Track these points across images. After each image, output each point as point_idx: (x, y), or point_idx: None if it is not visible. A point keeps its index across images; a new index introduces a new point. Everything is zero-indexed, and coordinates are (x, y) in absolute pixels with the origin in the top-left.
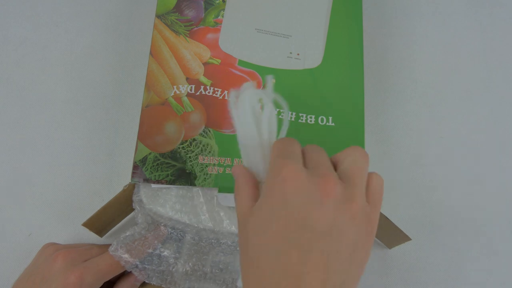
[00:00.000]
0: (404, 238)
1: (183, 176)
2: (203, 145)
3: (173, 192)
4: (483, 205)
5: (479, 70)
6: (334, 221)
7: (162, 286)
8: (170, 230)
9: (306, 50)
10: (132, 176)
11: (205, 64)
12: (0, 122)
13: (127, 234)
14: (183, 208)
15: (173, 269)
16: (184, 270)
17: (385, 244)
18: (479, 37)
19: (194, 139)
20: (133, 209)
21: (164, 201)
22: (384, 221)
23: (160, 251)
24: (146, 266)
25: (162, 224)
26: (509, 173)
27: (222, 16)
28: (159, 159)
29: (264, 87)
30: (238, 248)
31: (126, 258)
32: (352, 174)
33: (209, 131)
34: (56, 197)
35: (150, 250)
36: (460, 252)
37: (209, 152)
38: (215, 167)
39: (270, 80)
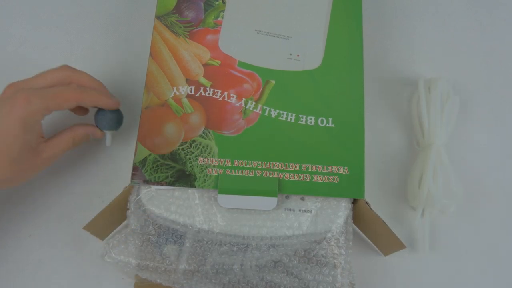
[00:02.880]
0: (400, 245)
1: (183, 177)
2: (203, 147)
3: (170, 194)
4: (481, 207)
5: (479, 70)
6: None
7: (165, 284)
8: (171, 231)
9: (306, 51)
10: (132, 178)
11: (205, 65)
12: None
13: (116, 236)
14: (180, 209)
15: (174, 269)
16: (184, 270)
17: (380, 251)
18: (479, 37)
19: (194, 141)
20: None
21: (162, 203)
22: (381, 226)
23: (161, 250)
24: (148, 263)
25: (158, 225)
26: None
27: (222, 17)
28: (158, 161)
29: None
30: (237, 250)
31: (122, 259)
32: None
33: (209, 132)
34: (56, 198)
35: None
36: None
37: (209, 153)
38: (215, 169)
39: None
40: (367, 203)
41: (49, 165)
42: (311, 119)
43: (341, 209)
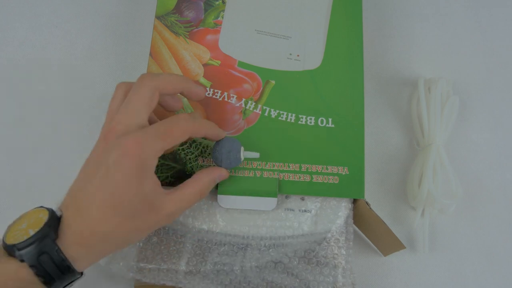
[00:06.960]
0: (399, 246)
1: (183, 177)
2: (203, 147)
3: None
4: (481, 207)
5: (479, 70)
6: None
7: (166, 284)
8: (171, 231)
9: (306, 51)
10: None
11: (205, 65)
12: None
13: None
14: None
15: (176, 268)
16: (185, 270)
17: (380, 251)
18: (479, 37)
19: (194, 141)
20: None
21: None
22: (381, 226)
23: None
24: (148, 265)
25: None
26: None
27: (222, 17)
28: (158, 161)
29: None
30: (237, 250)
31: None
32: None
33: None
34: (56, 199)
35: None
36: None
37: (209, 154)
38: None
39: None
40: (367, 203)
41: (170, 222)
42: (311, 119)
43: (341, 209)
